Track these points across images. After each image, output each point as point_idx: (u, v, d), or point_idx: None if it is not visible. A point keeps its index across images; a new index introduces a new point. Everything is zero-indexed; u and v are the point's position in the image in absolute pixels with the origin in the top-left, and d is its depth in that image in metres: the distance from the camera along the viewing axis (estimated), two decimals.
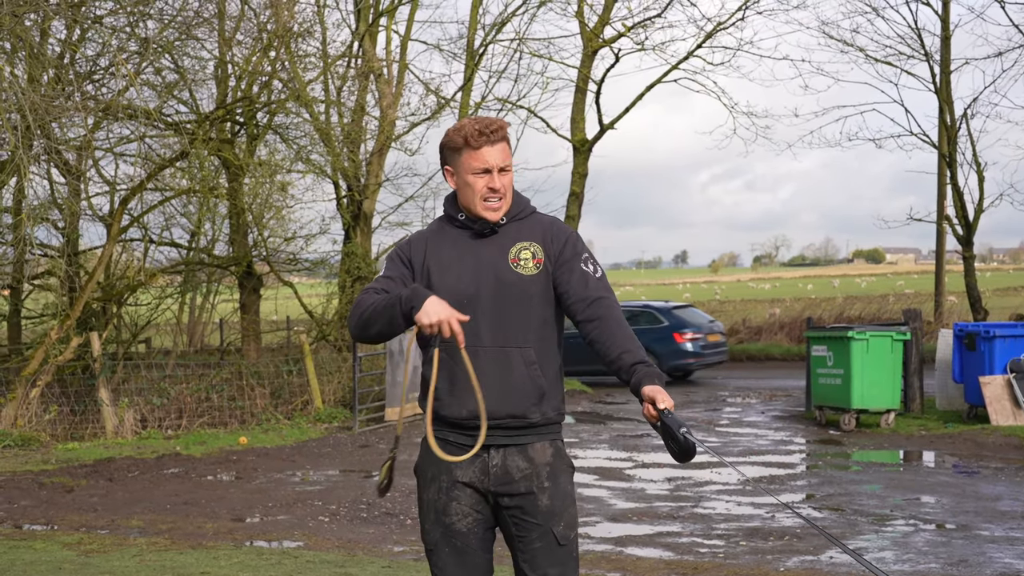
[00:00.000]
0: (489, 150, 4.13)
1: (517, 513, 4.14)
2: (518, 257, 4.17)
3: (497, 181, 4.14)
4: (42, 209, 17.20)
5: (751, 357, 31.67)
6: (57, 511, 10.98)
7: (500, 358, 4.09)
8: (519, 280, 4.14)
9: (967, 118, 23.75)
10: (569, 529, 4.19)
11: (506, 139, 4.19)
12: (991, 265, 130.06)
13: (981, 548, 8.82)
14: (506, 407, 4.08)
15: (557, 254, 4.20)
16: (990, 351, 16.02)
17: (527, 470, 4.13)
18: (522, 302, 4.13)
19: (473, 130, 4.13)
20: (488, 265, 4.15)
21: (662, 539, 9.37)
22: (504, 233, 4.22)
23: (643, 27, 23.21)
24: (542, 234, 4.24)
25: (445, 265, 4.17)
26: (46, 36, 17.30)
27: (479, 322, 4.08)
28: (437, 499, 4.16)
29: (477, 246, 4.19)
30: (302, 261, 24.11)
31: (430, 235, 4.29)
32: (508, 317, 4.12)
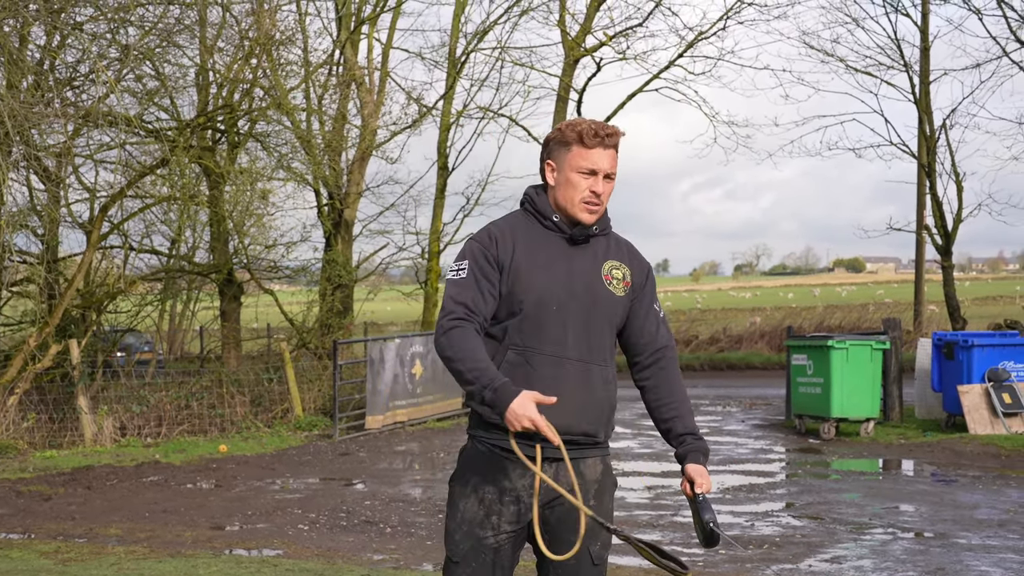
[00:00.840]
0: (601, 153, 4.04)
1: (556, 530, 4.03)
2: (610, 275, 4.09)
3: (601, 186, 4.04)
4: (21, 216, 17.13)
5: (731, 366, 31.72)
6: (34, 519, 10.93)
7: (583, 373, 4.00)
8: (609, 298, 4.06)
9: (946, 128, 23.90)
10: (604, 549, 4.10)
11: (617, 148, 4.11)
12: (970, 274, 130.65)
13: (958, 556, 8.85)
14: (583, 424, 3.99)
15: (640, 287, 4.16)
16: (968, 360, 16.10)
17: (577, 485, 3.97)
18: (608, 320, 4.06)
19: (589, 129, 4.04)
20: (581, 275, 4.04)
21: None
22: (595, 245, 4.13)
23: (625, 36, 23.30)
24: (629, 258, 4.18)
25: (538, 265, 4.01)
26: (25, 42, 17.23)
27: (567, 332, 3.98)
28: (476, 511, 4.01)
29: (570, 252, 4.07)
30: (283, 269, 24.05)
31: (518, 230, 4.10)
32: (593, 332, 4.03)
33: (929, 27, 24.12)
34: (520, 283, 3.98)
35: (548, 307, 3.96)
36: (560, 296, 3.98)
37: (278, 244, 23.59)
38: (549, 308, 3.96)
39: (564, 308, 3.98)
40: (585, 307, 4.01)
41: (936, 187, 23.82)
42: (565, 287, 4.00)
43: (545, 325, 3.97)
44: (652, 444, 16.22)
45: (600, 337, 4.05)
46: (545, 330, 3.96)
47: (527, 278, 3.98)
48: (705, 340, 34.02)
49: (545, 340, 3.96)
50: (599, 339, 4.04)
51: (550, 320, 3.96)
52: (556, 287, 3.99)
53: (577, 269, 4.04)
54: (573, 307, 3.99)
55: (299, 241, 24.07)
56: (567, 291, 4.00)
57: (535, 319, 3.97)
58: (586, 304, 4.01)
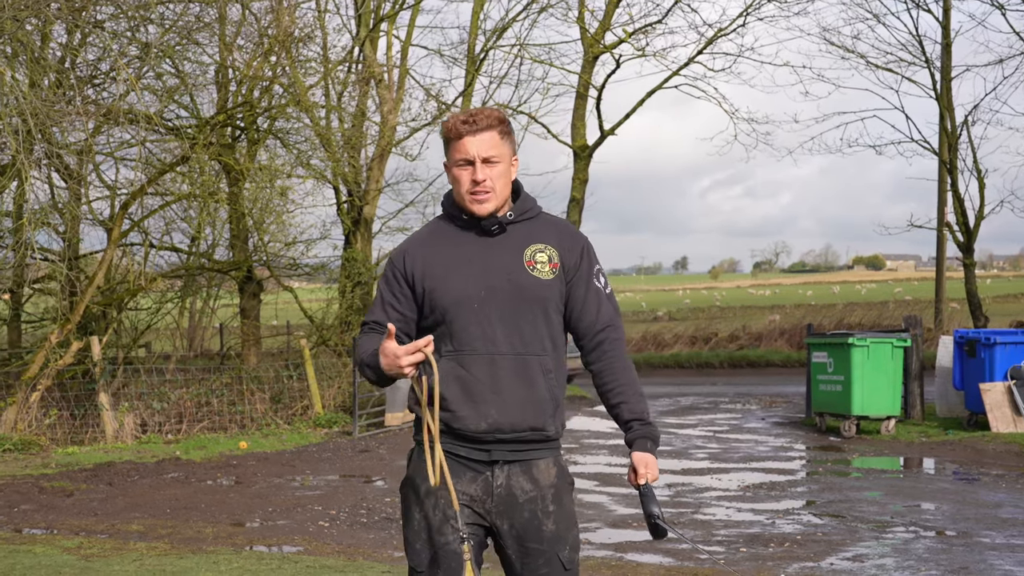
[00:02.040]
0: (471, 140, 3.86)
1: (519, 540, 3.89)
2: (533, 259, 3.92)
3: (480, 172, 3.87)
4: (43, 213, 17.19)
5: (751, 363, 31.68)
6: (57, 515, 10.97)
7: (519, 366, 3.85)
8: (536, 284, 3.89)
9: (968, 125, 23.78)
10: (574, 552, 3.98)
11: (494, 128, 3.90)
12: (991, 272, 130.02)
13: (982, 555, 8.81)
14: (528, 419, 3.85)
15: (574, 265, 3.98)
16: (991, 358, 16.02)
17: (532, 492, 3.88)
18: (538, 307, 3.89)
19: (457, 120, 3.90)
20: (500, 266, 3.89)
21: (662, 545, 9.35)
22: (514, 232, 3.97)
23: (644, 33, 23.24)
24: (557, 238, 3.99)
25: (451, 267, 3.90)
26: (47, 40, 17.29)
27: (494, 327, 3.84)
28: (432, 516, 3.87)
29: (486, 246, 3.93)
30: (302, 266, 24.08)
31: (427, 239, 4.01)
32: (524, 322, 3.87)
33: (951, 23, 23.99)
34: (438, 289, 3.88)
35: (469, 306, 3.84)
36: (479, 293, 3.85)
37: (298, 241, 23.62)
38: (471, 307, 3.84)
39: (487, 304, 3.84)
40: (510, 298, 3.86)
41: (957, 184, 23.72)
42: (483, 283, 3.86)
43: (470, 325, 3.84)
44: (672, 442, 16.19)
45: (534, 327, 3.89)
46: (471, 330, 3.83)
47: (443, 283, 3.88)
48: (724, 338, 33.98)
49: (474, 339, 3.83)
50: (533, 329, 3.88)
51: (474, 319, 3.83)
52: (473, 285, 3.86)
53: (495, 262, 3.90)
54: (496, 301, 3.85)
55: (319, 238, 24.17)
56: (486, 286, 3.86)
57: (460, 321, 3.85)
58: (510, 295, 3.86)
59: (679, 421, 18.97)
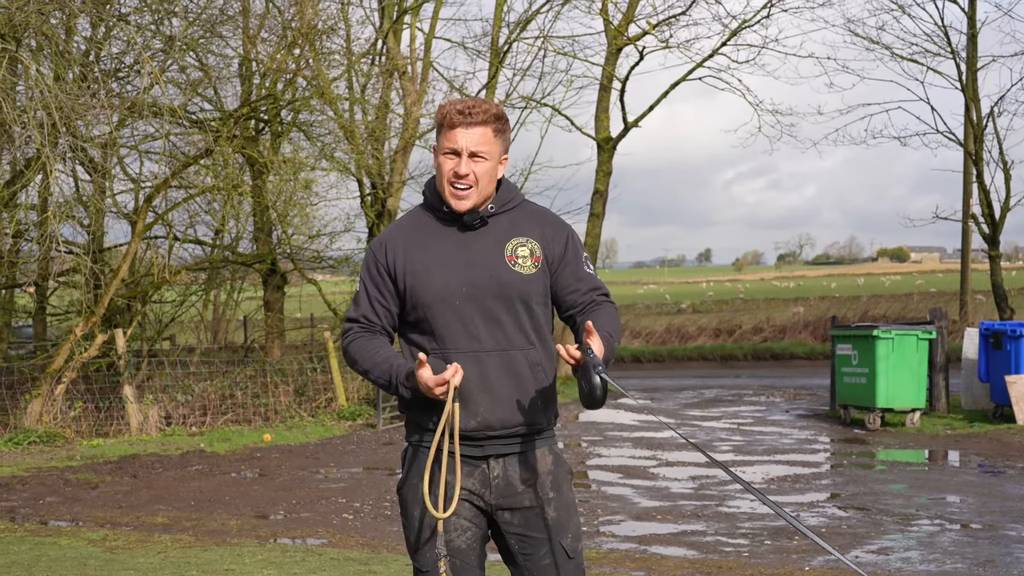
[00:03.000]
0: (462, 132, 3.76)
1: (521, 530, 3.85)
2: (515, 254, 3.84)
3: (464, 166, 3.77)
4: (67, 207, 17.25)
5: (775, 356, 31.59)
6: (82, 507, 11.02)
7: (506, 362, 3.79)
8: (518, 279, 3.82)
9: (994, 116, 23.62)
10: (576, 540, 3.92)
11: (489, 124, 3.79)
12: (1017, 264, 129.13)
13: (1008, 548, 8.75)
14: (519, 415, 3.81)
15: (559, 256, 3.91)
16: (1017, 350, 15.92)
17: (529, 480, 3.84)
18: (521, 302, 3.83)
19: (453, 108, 3.79)
20: (482, 262, 3.82)
21: (686, 538, 9.34)
22: (495, 226, 3.88)
23: (668, 25, 23.18)
24: (539, 230, 3.91)
25: (431, 262, 3.83)
26: (71, 34, 17.35)
27: (477, 324, 3.78)
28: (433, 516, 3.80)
29: (466, 240, 3.86)
30: (326, 259, 24.12)
31: (408, 230, 3.93)
32: (506, 318, 3.81)
33: (977, 13, 23.80)
34: (419, 285, 3.81)
35: (451, 303, 3.77)
36: (461, 290, 3.78)
37: (321, 234, 23.65)
38: (452, 304, 3.77)
39: (468, 300, 3.78)
40: (492, 294, 3.79)
41: (983, 175, 23.56)
42: (464, 279, 3.79)
43: (453, 322, 3.78)
44: (696, 434, 16.16)
45: (517, 322, 3.82)
46: (454, 327, 3.77)
47: (424, 278, 3.81)
48: (748, 330, 33.89)
49: (458, 337, 3.77)
50: (516, 324, 3.82)
51: (456, 316, 3.77)
52: (454, 281, 3.79)
53: (476, 257, 3.82)
54: (478, 297, 3.78)
55: (342, 231, 24.14)
56: (468, 283, 3.79)
57: (442, 318, 3.79)
58: (492, 291, 3.79)
59: (703, 413, 18.92)
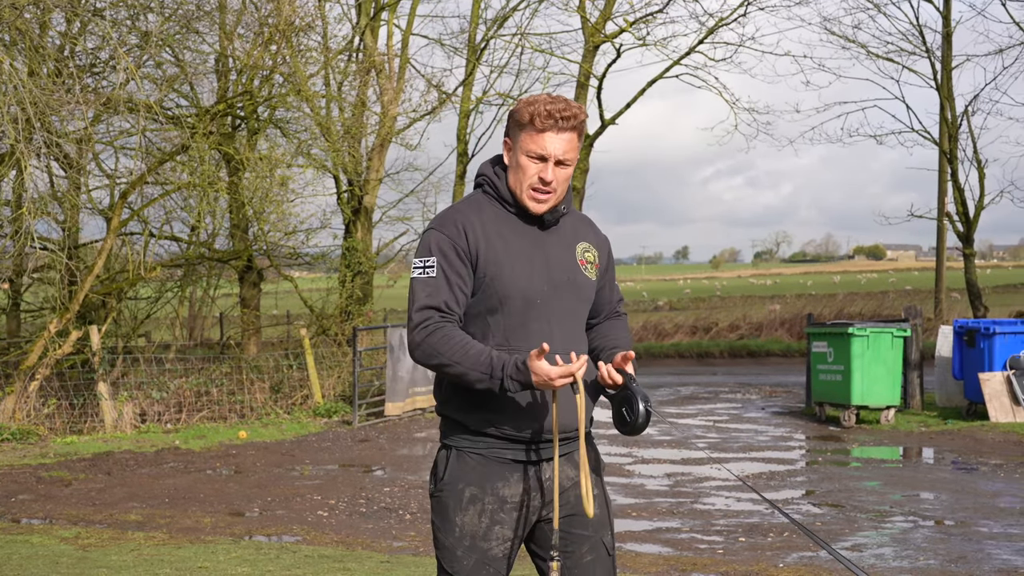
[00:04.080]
0: (552, 137, 3.69)
1: (565, 527, 3.80)
2: (584, 259, 3.85)
3: (550, 173, 3.71)
4: (42, 202, 17.16)
5: (751, 353, 31.67)
6: (55, 505, 10.97)
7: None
8: (588, 284, 3.86)
9: (968, 115, 23.74)
10: (614, 538, 3.94)
11: (577, 129, 3.73)
12: (991, 262, 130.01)
13: (980, 545, 8.81)
14: (574, 419, 3.77)
15: (606, 266, 3.98)
16: (990, 348, 16.02)
17: (574, 477, 3.83)
18: (585, 307, 3.87)
19: (543, 109, 3.68)
20: (559, 264, 3.80)
21: (661, 535, 9.36)
22: (564, 227, 3.87)
23: (645, 22, 23.16)
24: (595, 237, 3.96)
25: (513, 256, 3.74)
26: (46, 28, 17.26)
27: (551, 326, 3.74)
28: (478, 523, 3.72)
29: (543, 239, 3.81)
30: (302, 255, 24.06)
31: (486, 217, 3.79)
32: (574, 321, 3.82)
33: (951, 13, 23.91)
34: (501, 277, 3.71)
35: (532, 302, 3.72)
36: (543, 289, 3.74)
37: (298, 231, 23.56)
38: (534, 303, 3.72)
39: (548, 301, 3.74)
40: (569, 297, 3.80)
41: (958, 174, 23.68)
42: (547, 279, 3.76)
43: (529, 321, 3.72)
44: (671, 431, 16.19)
45: (581, 324, 3.87)
46: (529, 326, 3.72)
47: (508, 271, 3.72)
48: (725, 327, 33.96)
49: (531, 336, 3.70)
50: (580, 326, 3.86)
51: (534, 315, 3.73)
52: (538, 279, 3.74)
53: (554, 258, 3.80)
54: (557, 299, 3.76)
55: (319, 228, 24.04)
56: (549, 283, 3.76)
57: (519, 315, 3.72)
58: (570, 294, 3.80)
59: (679, 411, 18.97)
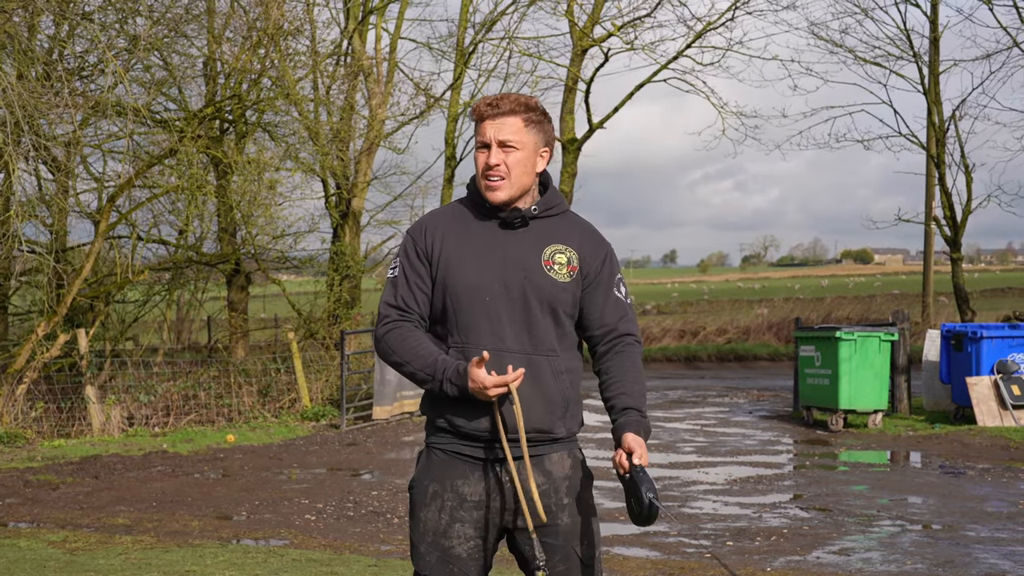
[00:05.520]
0: (490, 123, 3.79)
1: (537, 534, 3.81)
2: (552, 260, 3.81)
3: (494, 156, 3.78)
4: (30, 206, 17.12)
5: (739, 357, 31.71)
6: (42, 509, 10.94)
7: (526, 366, 3.73)
8: (549, 284, 3.79)
9: (955, 119, 23.78)
10: (593, 547, 3.89)
11: (518, 114, 3.80)
12: (979, 266, 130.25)
13: (967, 549, 8.84)
14: (533, 420, 3.75)
15: (595, 271, 3.88)
16: (977, 352, 16.07)
17: (543, 485, 3.80)
18: (550, 308, 3.80)
19: (481, 102, 3.83)
20: (517, 262, 3.79)
21: (649, 539, 9.37)
22: (537, 229, 3.86)
23: (633, 26, 23.20)
24: (580, 240, 3.89)
25: (467, 254, 3.81)
26: (35, 32, 17.22)
27: (503, 324, 3.76)
28: (438, 519, 3.78)
29: (506, 238, 3.84)
30: (290, 259, 24.03)
31: (449, 220, 3.90)
32: (534, 322, 3.77)
33: (939, 17, 23.97)
34: (451, 275, 3.79)
35: (481, 299, 3.75)
36: (492, 286, 3.76)
37: (286, 234, 23.53)
38: (482, 300, 3.75)
39: (498, 299, 3.76)
40: (521, 296, 3.77)
41: (945, 178, 23.73)
42: (498, 276, 3.77)
43: (480, 318, 3.76)
44: (659, 435, 16.20)
45: (544, 326, 3.79)
46: (481, 323, 3.75)
47: (457, 270, 3.79)
48: (713, 331, 34.00)
49: (482, 334, 3.75)
50: (542, 329, 3.79)
51: (484, 312, 3.75)
52: (487, 277, 3.77)
53: (513, 256, 3.80)
54: (508, 297, 3.76)
55: (307, 231, 24.02)
56: (500, 280, 3.77)
57: (469, 312, 3.76)
58: (522, 293, 3.77)
59: (666, 415, 18.98)
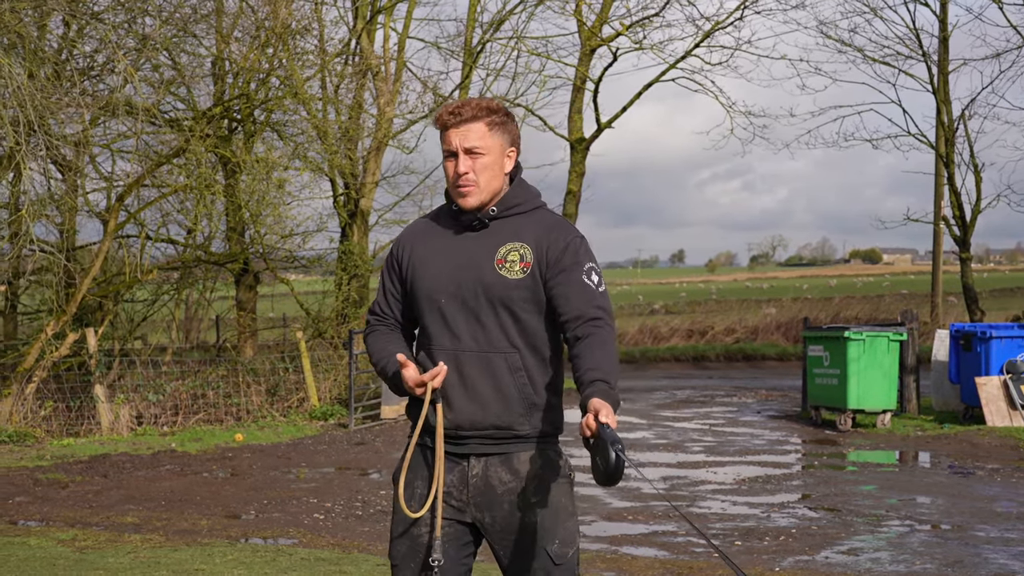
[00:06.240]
0: (454, 131, 3.84)
1: (504, 536, 3.81)
2: (505, 258, 3.84)
3: (462, 164, 3.83)
4: (40, 205, 17.15)
5: (747, 357, 31.68)
6: (52, 507, 10.97)
7: (483, 364, 3.80)
8: (500, 283, 3.80)
9: (964, 119, 23.77)
10: (566, 546, 3.83)
11: (480, 119, 3.85)
12: (988, 266, 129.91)
13: (976, 549, 8.82)
14: (490, 417, 3.79)
15: (553, 260, 3.82)
16: (986, 352, 16.03)
17: (510, 483, 3.80)
18: (503, 306, 3.80)
19: (443, 112, 3.88)
20: (471, 263, 3.85)
21: (657, 538, 9.37)
22: (497, 229, 3.90)
23: (641, 26, 23.22)
24: (538, 235, 3.87)
25: (427, 261, 3.92)
26: (44, 31, 17.26)
27: (458, 323, 3.83)
28: (409, 507, 3.85)
29: (464, 241, 3.91)
30: (299, 258, 24.05)
31: (422, 227, 4.04)
32: (488, 321, 3.81)
33: (948, 16, 23.97)
34: (415, 281, 3.93)
35: (438, 300, 3.86)
36: (447, 287, 3.86)
37: (294, 234, 23.55)
38: (439, 301, 3.86)
39: (452, 299, 3.84)
40: (473, 295, 3.82)
41: (954, 178, 23.72)
42: (452, 277, 3.86)
43: (437, 320, 3.87)
44: (668, 435, 16.20)
45: (500, 325, 3.82)
46: (439, 324, 3.86)
47: (420, 274, 3.93)
48: (721, 331, 33.98)
49: (442, 334, 3.85)
50: (499, 327, 3.82)
51: (440, 314, 3.86)
52: (443, 279, 3.87)
53: (467, 258, 3.87)
54: (460, 297, 3.83)
55: (315, 231, 24.04)
56: (454, 281, 3.85)
57: (431, 314, 3.88)
58: (474, 292, 3.82)
59: (675, 414, 18.97)
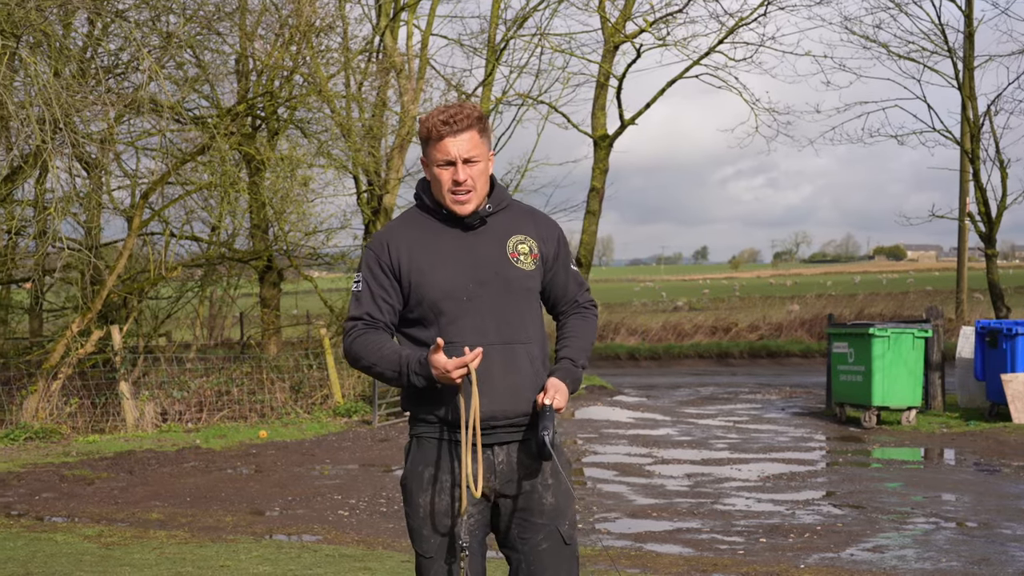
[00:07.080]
0: (452, 141, 3.94)
1: (521, 514, 4.01)
2: (516, 251, 4.04)
3: (462, 173, 3.95)
4: (67, 202, 17.23)
5: (771, 354, 31.60)
6: (78, 503, 11.02)
7: (508, 355, 3.97)
8: (521, 275, 4.02)
9: (990, 114, 23.61)
10: (573, 528, 4.08)
11: (473, 127, 3.97)
12: (1013, 262, 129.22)
13: (1003, 547, 8.77)
14: (519, 406, 3.97)
15: (553, 254, 4.13)
16: (1012, 349, 15.94)
17: (531, 466, 3.99)
18: (524, 297, 4.04)
19: (437, 120, 3.95)
20: (486, 260, 4.00)
21: (682, 535, 9.35)
22: (495, 224, 4.07)
23: (665, 22, 23.14)
24: (535, 228, 4.12)
25: (436, 262, 4.00)
26: (69, 30, 17.33)
27: (485, 319, 3.96)
28: (438, 501, 3.97)
29: (469, 240, 4.03)
30: (322, 256, 24.09)
31: (411, 231, 4.10)
32: (511, 313, 4.00)
33: (974, 11, 23.79)
34: (425, 283, 3.97)
35: (459, 300, 3.94)
36: (469, 287, 3.96)
37: (318, 231, 23.60)
38: (460, 300, 3.94)
39: (477, 297, 3.96)
40: (499, 291, 3.99)
41: (980, 174, 23.57)
42: (472, 277, 3.97)
43: (460, 317, 3.95)
44: (692, 432, 16.17)
45: (520, 315, 4.03)
46: (462, 322, 3.94)
47: (430, 277, 3.98)
48: (744, 328, 33.90)
49: (465, 331, 3.93)
50: (520, 317, 4.02)
51: (465, 311, 3.95)
52: (461, 279, 3.97)
53: (481, 256, 4.01)
54: (486, 294, 3.97)
55: (339, 228, 24.07)
56: (475, 280, 3.97)
57: (450, 314, 3.95)
58: (499, 288, 3.99)
59: (699, 411, 18.94)
